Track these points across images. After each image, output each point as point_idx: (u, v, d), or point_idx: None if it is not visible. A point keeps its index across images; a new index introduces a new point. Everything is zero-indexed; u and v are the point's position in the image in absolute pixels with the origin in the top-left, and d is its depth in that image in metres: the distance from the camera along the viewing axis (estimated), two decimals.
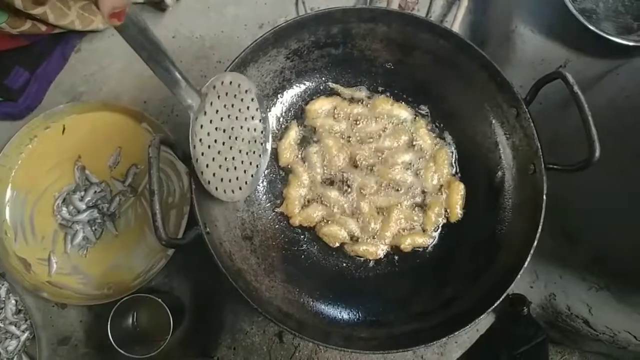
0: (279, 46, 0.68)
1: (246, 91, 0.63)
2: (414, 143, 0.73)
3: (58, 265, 0.85)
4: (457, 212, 0.72)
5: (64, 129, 0.89)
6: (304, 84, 0.75)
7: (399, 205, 0.71)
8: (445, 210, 0.72)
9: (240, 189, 0.63)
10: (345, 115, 0.73)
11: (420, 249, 0.72)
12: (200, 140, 0.57)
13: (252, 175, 0.65)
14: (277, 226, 0.72)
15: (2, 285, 0.85)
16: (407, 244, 0.71)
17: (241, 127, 0.63)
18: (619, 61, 0.82)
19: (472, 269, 0.68)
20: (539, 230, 0.60)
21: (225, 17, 0.98)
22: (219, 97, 0.60)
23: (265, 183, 0.73)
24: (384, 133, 0.73)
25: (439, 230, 0.72)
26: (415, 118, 0.74)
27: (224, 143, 0.60)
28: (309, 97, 0.75)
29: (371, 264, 0.72)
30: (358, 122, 0.74)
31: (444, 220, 0.72)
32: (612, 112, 0.70)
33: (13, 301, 0.85)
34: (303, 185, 0.71)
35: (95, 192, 0.87)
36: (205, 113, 0.58)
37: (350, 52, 0.72)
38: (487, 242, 0.69)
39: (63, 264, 0.85)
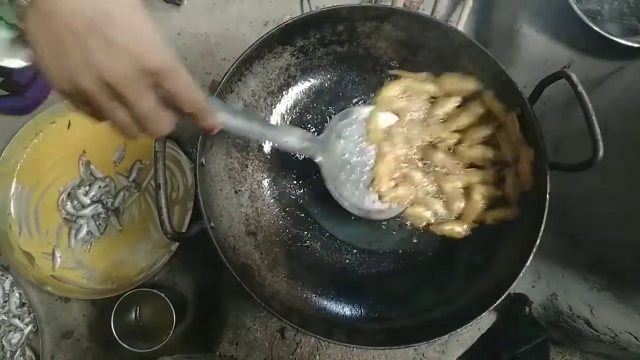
0: (285, 43, 0.68)
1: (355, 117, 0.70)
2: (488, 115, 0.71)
3: (62, 259, 0.86)
4: (530, 179, 0.68)
5: (69, 124, 0.89)
6: (309, 81, 0.75)
7: (482, 182, 0.70)
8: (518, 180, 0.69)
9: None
10: (417, 95, 0.72)
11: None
12: (336, 179, 0.67)
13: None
14: (280, 222, 0.73)
15: (7, 278, 0.85)
16: (491, 220, 0.69)
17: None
18: (623, 62, 0.82)
19: (474, 268, 0.69)
20: (542, 229, 0.60)
21: (230, 14, 0.98)
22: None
23: (269, 179, 0.74)
24: (458, 111, 0.72)
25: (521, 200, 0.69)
26: (483, 89, 0.70)
27: (351, 163, 0.68)
28: (313, 94, 0.75)
29: (374, 261, 0.72)
30: (432, 101, 0.72)
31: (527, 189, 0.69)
32: (616, 112, 0.70)
33: (17, 294, 0.85)
34: (389, 163, 0.70)
35: (100, 187, 0.88)
36: (334, 153, 0.67)
37: (355, 50, 0.72)
38: (489, 241, 0.69)
39: (67, 258, 0.86)
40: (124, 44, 0.36)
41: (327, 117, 0.75)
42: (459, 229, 0.69)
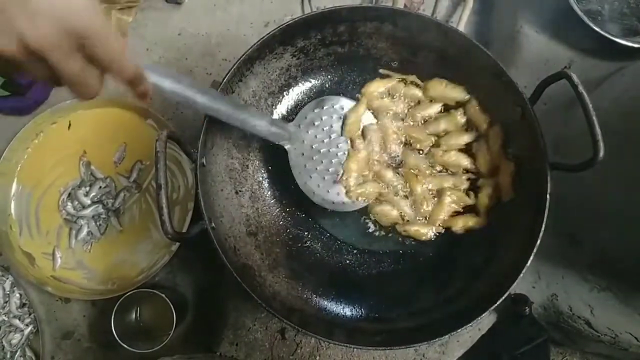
0: (285, 44, 0.68)
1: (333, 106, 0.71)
2: (468, 124, 0.73)
3: (62, 259, 0.86)
4: (509, 191, 0.70)
5: (70, 124, 0.89)
6: (310, 82, 0.75)
7: (453, 187, 0.71)
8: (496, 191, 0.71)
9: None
10: (399, 97, 0.74)
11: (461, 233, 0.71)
12: (302, 167, 0.69)
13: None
14: (281, 223, 0.73)
15: (7, 278, 0.85)
16: (459, 227, 0.70)
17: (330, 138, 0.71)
18: (624, 63, 0.83)
19: (474, 268, 0.69)
20: (542, 229, 0.60)
21: (231, 15, 0.98)
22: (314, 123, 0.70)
23: (270, 180, 0.74)
24: (439, 115, 0.73)
25: (491, 211, 0.71)
26: (469, 98, 0.72)
27: (320, 153, 0.70)
28: (314, 95, 0.75)
29: (374, 261, 0.72)
30: (413, 104, 0.74)
31: (496, 201, 0.71)
32: (617, 112, 0.70)
33: (17, 295, 0.85)
34: (361, 160, 0.71)
35: (100, 187, 0.88)
36: (303, 141, 0.69)
37: (356, 51, 0.73)
38: (489, 241, 0.69)
39: (67, 259, 0.86)
40: (44, 9, 0.35)
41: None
42: (425, 231, 0.71)
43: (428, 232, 0.71)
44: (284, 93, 0.74)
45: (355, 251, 0.73)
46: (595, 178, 0.70)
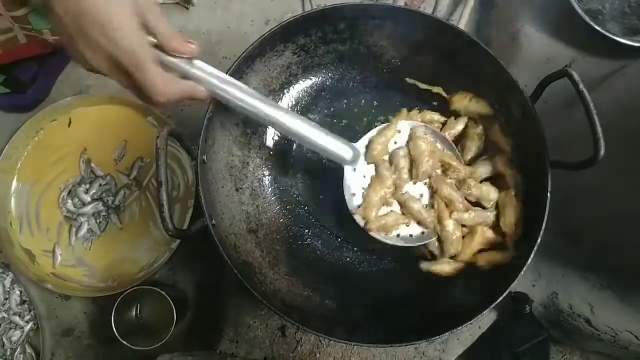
0: (286, 42, 0.68)
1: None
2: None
3: (63, 257, 0.86)
4: (515, 230, 0.64)
5: (70, 122, 0.89)
6: (311, 80, 0.75)
7: (485, 224, 0.65)
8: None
9: None
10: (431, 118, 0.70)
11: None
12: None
13: None
14: (282, 220, 0.73)
15: (7, 276, 0.85)
16: (484, 263, 0.65)
17: None
18: (625, 62, 0.82)
19: (475, 266, 0.69)
20: (543, 228, 0.60)
21: (232, 13, 0.98)
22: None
23: (271, 177, 0.74)
24: (466, 135, 0.69)
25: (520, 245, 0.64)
26: (495, 115, 0.67)
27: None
28: (315, 93, 0.75)
29: (375, 259, 0.72)
30: (443, 124, 0.70)
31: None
32: (618, 111, 0.70)
33: (18, 292, 0.85)
34: (387, 189, 0.64)
35: (101, 185, 0.88)
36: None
37: (357, 49, 0.72)
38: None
39: (68, 256, 0.86)
40: (101, 43, 0.46)
41: (328, 117, 0.75)
42: (449, 270, 0.65)
43: (451, 270, 0.65)
44: (285, 91, 0.74)
45: (356, 249, 0.73)
46: (596, 177, 0.70)
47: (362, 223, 0.64)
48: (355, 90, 0.76)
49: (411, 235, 0.65)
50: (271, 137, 0.74)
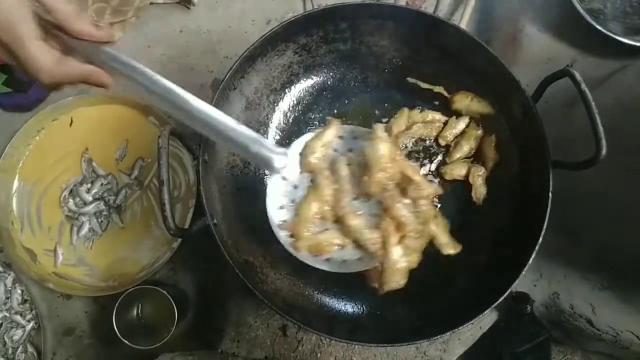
0: (288, 41, 0.68)
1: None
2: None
3: (64, 256, 0.86)
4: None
5: (71, 121, 0.89)
6: (312, 79, 0.75)
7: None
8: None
9: None
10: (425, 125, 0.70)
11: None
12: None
13: None
14: None
15: (9, 275, 0.85)
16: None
17: None
18: (626, 61, 0.82)
19: (476, 266, 0.69)
20: (544, 228, 0.60)
21: (233, 12, 0.98)
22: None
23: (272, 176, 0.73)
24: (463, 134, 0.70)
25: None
26: (496, 114, 0.65)
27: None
28: (316, 92, 0.75)
29: None
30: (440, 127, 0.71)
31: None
32: (619, 111, 0.70)
33: (19, 291, 0.85)
34: (323, 202, 0.54)
35: (102, 184, 0.88)
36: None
37: (358, 48, 0.73)
38: (491, 240, 0.69)
39: (69, 256, 0.86)
40: None
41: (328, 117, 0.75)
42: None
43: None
44: (286, 90, 0.74)
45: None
46: (597, 176, 0.70)
47: (287, 241, 0.55)
48: (356, 90, 0.76)
49: (344, 261, 0.55)
50: (272, 137, 0.74)
